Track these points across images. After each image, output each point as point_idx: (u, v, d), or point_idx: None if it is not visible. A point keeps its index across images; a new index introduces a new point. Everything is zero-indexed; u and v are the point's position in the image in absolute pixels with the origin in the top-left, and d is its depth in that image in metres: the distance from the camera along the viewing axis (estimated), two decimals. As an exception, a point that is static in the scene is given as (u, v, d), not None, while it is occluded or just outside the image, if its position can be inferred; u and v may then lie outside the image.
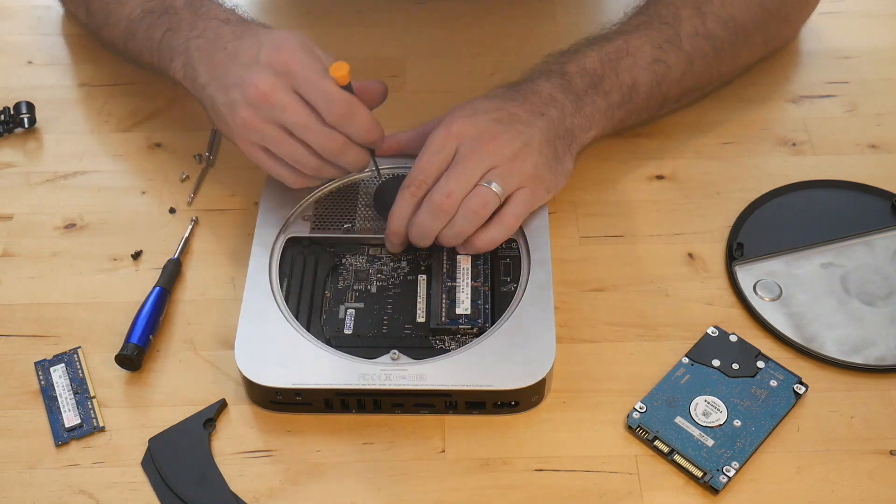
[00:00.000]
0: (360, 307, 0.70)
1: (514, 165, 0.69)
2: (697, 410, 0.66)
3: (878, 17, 0.95)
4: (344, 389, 0.65)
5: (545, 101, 0.73)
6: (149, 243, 0.77)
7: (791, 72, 0.89)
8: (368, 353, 0.67)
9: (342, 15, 0.96)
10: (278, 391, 0.65)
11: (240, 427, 0.67)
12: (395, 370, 0.65)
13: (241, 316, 0.68)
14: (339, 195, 0.76)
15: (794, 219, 0.78)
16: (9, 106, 0.86)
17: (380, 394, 0.65)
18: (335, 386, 0.65)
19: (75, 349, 0.71)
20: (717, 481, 0.63)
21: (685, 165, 0.82)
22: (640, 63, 0.76)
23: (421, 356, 0.66)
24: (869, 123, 0.85)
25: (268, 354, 0.66)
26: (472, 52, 0.92)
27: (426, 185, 0.69)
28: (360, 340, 0.68)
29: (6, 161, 0.84)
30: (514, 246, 0.72)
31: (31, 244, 0.78)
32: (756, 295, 0.73)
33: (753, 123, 0.85)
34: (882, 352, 0.69)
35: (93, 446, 0.66)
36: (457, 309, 0.69)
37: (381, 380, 0.65)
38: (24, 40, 0.95)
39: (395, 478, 0.64)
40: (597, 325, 0.72)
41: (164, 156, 0.84)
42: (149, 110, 0.88)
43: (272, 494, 0.64)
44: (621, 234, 0.77)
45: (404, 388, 0.64)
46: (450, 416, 0.67)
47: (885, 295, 0.72)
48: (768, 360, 0.69)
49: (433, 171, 0.69)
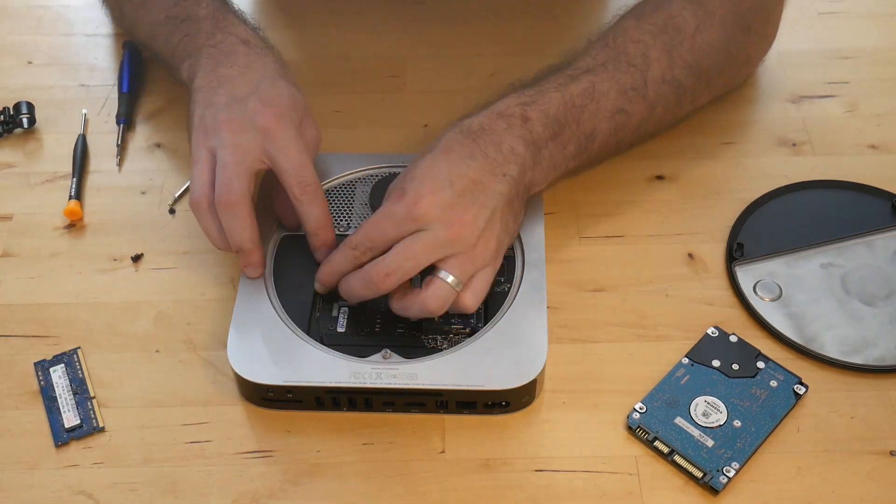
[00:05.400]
0: (354, 306, 0.70)
1: (476, 251, 0.66)
2: (697, 411, 0.66)
3: (878, 17, 0.95)
4: (335, 387, 0.65)
5: (506, 156, 0.68)
6: (149, 243, 0.77)
7: (791, 72, 0.89)
8: (360, 351, 0.67)
9: (342, 15, 0.95)
10: (270, 388, 0.65)
11: (239, 427, 0.67)
12: (387, 369, 0.65)
13: (234, 313, 0.68)
14: (336, 193, 0.76)
15: (794, 219, 0.77)
16: (9, 106, 0.86)
17: (370, 392, 0.65)
18: (326, 384, 0.65)
19: (75, 349, 0.71)
20: (717, 482, 0.63)
21: (685, 165, 0.82)
22: (603, 112, 0.72)
23: (412, 355, 0.66)
24: (869, 123, 0.85)
25: (260, 351, 0.66)
26: (472, 52, 0.92)
27: (371, 254, 0.66)
28: (352, 339, 0.68)
29: (6, 161, 0.84)
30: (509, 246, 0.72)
31: (31, 244, 0.78)
32: (756, 295, 0.73)
33: (753, 123, 0.85)
34: (882, 352, 0.69)
35: (92, 447, 0.66)
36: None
37: (372, 378, 0.65)
38: (24, 40, 0.95)
39: (395, 478, 0.64)
40: (596, 325, 0.72)
41: (164, 156, 0.84)
42: (149, 110, 0.88)
43: (272, 494, 0.64)
44: (621, 234, 0.77)
45: (395, 387, 0.65)
46: (449, 417, 0.67)
47: (885, 295, 0.72)
48: (768, 360, 0.69)
49: (384, 242, 0.65)
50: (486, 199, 0.66)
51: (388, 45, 0.93)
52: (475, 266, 0.66)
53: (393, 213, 0.65)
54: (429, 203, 0.65)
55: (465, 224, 0.65)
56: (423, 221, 0.65)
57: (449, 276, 0.65)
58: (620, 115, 0.74)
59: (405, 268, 0.65)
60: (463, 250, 0.65)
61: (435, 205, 0.65)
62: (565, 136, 0.71)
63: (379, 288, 0.65)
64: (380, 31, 0.94)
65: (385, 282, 0.65)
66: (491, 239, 0.66)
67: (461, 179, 0.66)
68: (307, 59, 0.91)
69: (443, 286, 0.65)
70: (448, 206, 0.65)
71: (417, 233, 0.65)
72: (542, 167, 0.70)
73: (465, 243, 0.65)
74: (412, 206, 0.65)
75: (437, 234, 0.65)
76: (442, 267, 0.65)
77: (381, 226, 0.66)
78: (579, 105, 0.72)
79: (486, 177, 0.67)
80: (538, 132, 0.70)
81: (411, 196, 0.65)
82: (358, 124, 0.86)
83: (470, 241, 0.65)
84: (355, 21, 0.95)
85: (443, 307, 0.66)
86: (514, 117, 0.70)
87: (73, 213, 0.78)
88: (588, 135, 0.72)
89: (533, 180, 0.70)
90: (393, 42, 0.93)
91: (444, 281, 0.65)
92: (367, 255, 0.66)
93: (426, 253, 0.65)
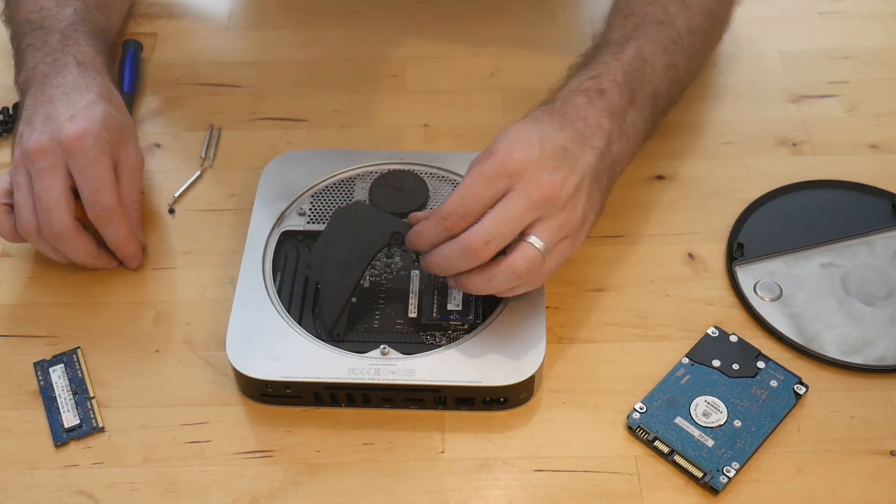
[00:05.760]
0: (353, 301, 0.70)
1: (564, 216, 0.64)
2: (697, 411, 0.66)
3: (878, 17, 0.95)
4: (333, 383, 0.65)
5: (593, 129, 0.68)
6: (149, 243, 0.77)
7: (791, 72, 0.89)
8: (359, 347, 0.67)
9: (342, 15, 0.95)
10: (268, 384, 0.65)
11: (239, 427, 0.67)
12: (385, 365, 0.65)
13: (233, 308, 0.68)
14: (335, 190, 0.76)
15: (794, 219, 0.77)
16: (8, 106, 0.86)
17: (369, 388, 0.65)
18: (325, 379, 0.65)
19: (74, 349, 0.71)
20: (717, 482, 0.63)
21: (685, 165, 0.82)
22: (659, 70, 0.74)
23: (411, 351, 0.67)
24: (869, 123, 0.85)
25: (259, 347, 0.66)
26: (472, 52, 0.92)
27: (466, 222, 0.63)
28: (350, 335, 0.68)
29: (6, 161, 0.84)
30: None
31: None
32: (756, 295, 0.73)
33: (753, 123, 0.85)
34: (882, 352, 0.69)
35: (92, 446, 0.66)
36: (448, 305, 0.69)
37: (370, 374, 0.65)
38: (24, 40, 0.95)
39: (395, 478, 0.64)
40: (597, 325, 0.72)
41: (164, 156, 0.84)
42: (149, 110, 0.88)
43: (272, 494, 0.64)
44: (621, 234, 0.77)
45: (393, 382, 0.65)
46: (449, 417, 0.67)
47: (885, 295, 0.72)
48: (768, 360, 0.69)
49: (478, 206, 0.63)
50: (575, 165, 0.65)
51: (388, 45, 0.93)
52: (562, 232, 0.64)
53: (484, 172, 0.63)
54: (519, 158, 0.63)
55: (554, 184, 0.63)
56: (515, 178, 0.63)
57: (539, 241, 0.63)
58: (671, 70, 0.76)
59: (503, 233, 0.62)
60: (552, 213, 0.64)
61: (526, 160, 0.63)
62: (639, 100, 0.72)
63: (479, 257, 0.63)
64: (380, 31, 0.94)
65: (485, 250, 0.62)
66: (578, 207, 0.65)
67: (551, 143, 0.65)
68: (307, 59, 0.91)
69: (531, 249, 0.63)
70: (539, 163, 0.64)
71: (509, 196, 0.63)
72: (627, 136, 0.71)
73: (555, 205, 0.63)
74: (503, 161, 0.63)
75: (529, 194, 0.63)
76: (530, 232, 0.63)
77: (474, 187, 0.63)
78: (638, 69, 0.73)
79: (575, 146, 0.66)
80: (616, 101, 0.70)
81: (501, 153, 0.64)
82: (358, 124, 0.86)
83: (559, 203, 0.64)
84: (355, 21, 0.95)
85: (531, 272, 0.63)
86: (591, 91, 0.70)
87: None
88: (654, 95, 0.74)
89: (619, 153, 0.70)
90: (393, 42, 0.93)
91: (533, 245, 0.63)
92: (460, 225, 0.63)
93: (521, 215, 0.63)
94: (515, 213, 0.63)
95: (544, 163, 0.64)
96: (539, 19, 0.95)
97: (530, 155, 0.64)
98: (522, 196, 0.63)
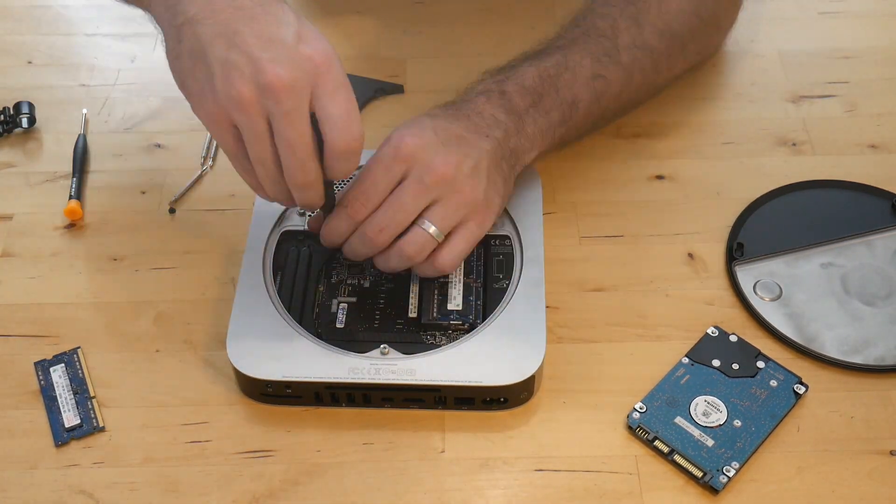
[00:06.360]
0: (353, 301, 0.70)
1: (461, 197, 0.66)
2: (697, 410, 0.66)
3: (878, 17, 0.95)
4: (334, 383, 0.65)
5: (488, 122, 0.70)
6: (149, 243, 0.77)
7: (791, 72, 0.89)
8: (359, 347, 0.67)
9: (341, 14, 0.96)
10: (269, 383, 0.65)
11: (239, 427, 0.67)
12: (385, 364, 0.65)
13: (233, 308, 0.68)
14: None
15: (794, 219, 0.78)
16: (9, 106, 0.86)
17: (369, 388, 0.65)
18: (325, 379, 0.65)
19: (75, 349, 0.71)
20: (717, 481, 0.63)
21: (685, 165, 0.82)
22: (580, 79, 0.74)
23: (411, 351, 0.67)
24: (869, 123, 0.85)
25: (259, 347, 0.66)
26: (472, 52, 0.92)
27: (366, 210, 0.65)
28: (351, 334, 0.68)
29: (6, 161, 0.84)
30: (508, 243, 0.72)
31: (31, 244, 0.78)
32: (756, 295, 0.73)
33: (753, 123, 0.85)
34: (882, 352, 0.69)
35: (93, 446, 0.66)
36: (448, 305, 0.69)
37: (370, 374, 0.65)
38: (24, 40, 0.95)
39: (395, 478, 0.64)
40: (596, 325, 0.72)
41: (164, 156, 0.84)
42: (149, 110, 0.88)
43: (272, 494, 0.64)
44: (621, 234, 0.77)
45: (393, 382, 0.65)
46: (450, 417, 0.67)
47: (885, 295, 0.72)
48: (768, 360, 0.69)
49: (376, 192, 0.65)
50: (471, 149, 0.67)
51: (388, 45, 0.93)
52: (458, 214, 0.66)
53: (379, 159, 0.65)
54: (412, 143, 0.65)
55: (449, 165, 0.65)
56: (410, 162, 0.65)
57: (430, 225, 0.65)
58: (598, 80, 0.75)
59: (397, 220, 0.65)
60: (447, 194, 0.65)
61: (419, 145, 0.65)
62: (546, 104, 0.73)
63: (376, 244, 0.66)
64: (380, 31, 0.94)
65: (380, 237, 0.65)
66: (477, 188, 0.66)
67: (446, 132, 0.67)
68: (307, 59, 0.91)
69: (420, 233, 0.65)
70: (433, 148, 0.66)
71: (404, 182, 0.65)
72: (527, 133, 0.72)
73: (449, 186, 0.65)
74: (397, 146, 0.65)
75: (422, 177, 0.65)
76: (425, 215, 0.66)
77: (371, 173, 0.65)
78: (554, 75, 0.73)
79: (470, 134, 0.68)
80: (516, 101, 0.72)
81: (395, 139, 0.66)
82: (358, 124, 0.86)
83: (453, 184, 0.65)
84: (355, 21, 0.95)
85: (420, 254, 0.66)
86: (492, 92, 0.72)
87: (74, 212, 0.78)
88: (570, 102, 0.74)
89: (519, 146, 0.71)
90: (393, 42, 0.93)
91: (423, 229, 0.65)
92: (362, 212, 0.66)
93: (414, 200, 0.65)
94: (409, 198, 0.65)
95: (438, 148, 0.66)
96: (539, 19, 0.95)
97: (424, 140, 0.66)
98: (416, 181, 0.65)
